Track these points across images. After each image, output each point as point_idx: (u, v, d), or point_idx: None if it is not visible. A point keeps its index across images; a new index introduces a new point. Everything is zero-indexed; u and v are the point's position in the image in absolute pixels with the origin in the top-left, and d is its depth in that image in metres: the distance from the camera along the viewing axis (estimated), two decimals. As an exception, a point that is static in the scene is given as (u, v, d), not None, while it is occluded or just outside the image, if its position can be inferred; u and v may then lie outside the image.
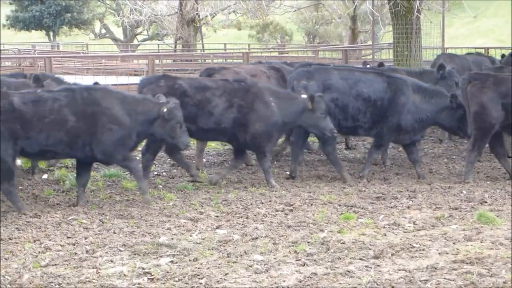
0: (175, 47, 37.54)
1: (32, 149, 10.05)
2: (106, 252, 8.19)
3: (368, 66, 16.43)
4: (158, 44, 45.68)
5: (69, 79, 17.97)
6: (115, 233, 8.96)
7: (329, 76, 12.17)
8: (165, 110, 10.32)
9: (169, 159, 13.76)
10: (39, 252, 8.21)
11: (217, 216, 9.79)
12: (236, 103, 11.46)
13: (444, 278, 7.26)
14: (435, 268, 7.54)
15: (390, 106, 12.03)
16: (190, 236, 8.85)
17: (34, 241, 8.59)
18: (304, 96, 11.50)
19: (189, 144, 10.94)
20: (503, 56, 18.90)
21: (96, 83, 12.61)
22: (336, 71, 12.32)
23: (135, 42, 50.79)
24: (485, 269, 7.51)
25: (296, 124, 11.70)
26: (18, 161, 12.86)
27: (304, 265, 7.76)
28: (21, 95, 10.11)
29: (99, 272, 7.52)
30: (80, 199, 10.43)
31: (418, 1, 17.64)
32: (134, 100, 10.49)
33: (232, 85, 11.64)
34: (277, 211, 10.05)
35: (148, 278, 7.38)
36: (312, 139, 14.40)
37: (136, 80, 17.34)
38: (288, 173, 12.53)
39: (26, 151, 10.11)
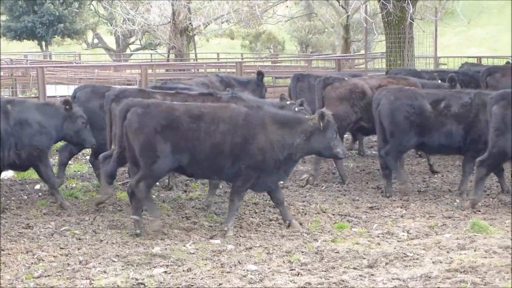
0: (168, 56, 37.51)
1: (433, 145, 11.18)
2: (99, 263, 8.16)
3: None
4: (151, 54, 45.66)
5: (62, 89, 17.83)
6: (108, 243, 8.93)
7: None
8: None
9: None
10: (32, 263, 8.17)
11: (210, 226, 9.77)
12: None
13: (438, 287, 7.27)
14: (429, 277, 7.55)
15: None
16: (184, 246, 8.83)
17: (27, 252, 8.55)
18: None
19: None
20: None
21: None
22: None
23: (128, 51, 50.74)
24: (479, 277, 7.51)
25: None
26: (10, 172, 12.84)
27: (298, 274, 7.75)
28: (428, 92, 11.33)
29: (92, 283, 7.49)
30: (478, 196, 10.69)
31: (411, 10, 17.71)
32: None
33: None
34: (270, 220, 10.04)
35: (142, 289, 7.37)
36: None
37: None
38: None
39: (427, 146, 11.31)
